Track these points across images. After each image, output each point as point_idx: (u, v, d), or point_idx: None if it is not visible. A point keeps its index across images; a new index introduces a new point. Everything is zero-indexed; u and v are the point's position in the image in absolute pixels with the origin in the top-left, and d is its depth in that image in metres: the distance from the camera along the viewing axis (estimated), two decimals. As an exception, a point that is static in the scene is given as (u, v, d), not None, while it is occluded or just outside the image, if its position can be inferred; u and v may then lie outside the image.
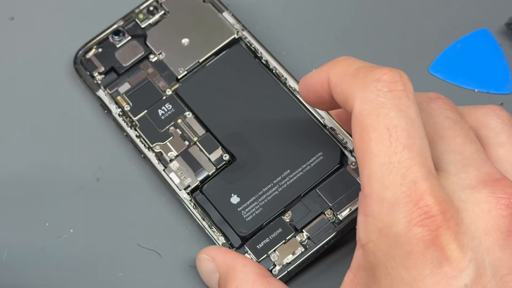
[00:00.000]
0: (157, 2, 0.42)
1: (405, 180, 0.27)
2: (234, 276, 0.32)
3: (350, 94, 0.29)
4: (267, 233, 0.35)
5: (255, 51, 0.40)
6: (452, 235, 0.26)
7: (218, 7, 0.41)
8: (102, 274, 0.36)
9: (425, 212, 0.26)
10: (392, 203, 0.27)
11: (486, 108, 0.32)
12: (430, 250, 0.26)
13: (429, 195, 0.27)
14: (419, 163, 0.27)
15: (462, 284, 0.26)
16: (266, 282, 0.32)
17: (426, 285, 0.26)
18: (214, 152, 0.37)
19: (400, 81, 0.28)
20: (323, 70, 0.31)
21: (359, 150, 0.28)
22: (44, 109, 0.40)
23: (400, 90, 0.28)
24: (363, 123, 0.28)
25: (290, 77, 0.39)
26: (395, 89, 0.28)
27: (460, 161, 0.29)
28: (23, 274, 0.36)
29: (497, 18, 0.43)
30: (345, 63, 0.30)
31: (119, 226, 0.37)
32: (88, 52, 0.41)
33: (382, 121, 0.27)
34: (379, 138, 0.27)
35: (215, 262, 0.34)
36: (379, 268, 0.27)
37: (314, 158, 0.37)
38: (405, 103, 0.28)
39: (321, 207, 0.36)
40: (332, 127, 0.37)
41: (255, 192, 0.36)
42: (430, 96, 0.31)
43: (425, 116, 0.30)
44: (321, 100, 0.32)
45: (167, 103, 0.39)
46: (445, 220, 0.26)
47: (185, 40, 0.41)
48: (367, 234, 0.28)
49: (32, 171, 0.39)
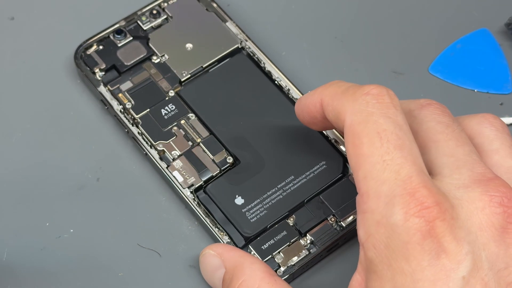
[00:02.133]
0: (159, 7, 0.42)
1: (399, 175, 0.28)
2: (241, 272, 0.33)
3: (341, 109, 0.31)
4: (272, 235, 0.36)
5: (258, 61, 0.40)
6: (448, 228, 0.27)
7: (222, 17, 0.42)
8: (102, 274, 0.36)
9: (421, 203, 0.27)
10: (389, 196, 0.28)
11: (479, 117, 0.33)
12: (427, 241, 0.27)
13: (423, 187, 0.27)
14: (411, 161, 0.28)
15: (460, 276, 0.27)
16: (273, 280, 0.32)
17: (425, 276, 0.27)
18: (218, 154, 0.38)
19: (386, 94, 0.30)
20: (316, 92, 0.33)
21: (352, 156, 0.29)
22: (44, 109, 0.40)
23: (387, 102, 0.30)
24: (355, 131, 0.30)
25: (293, 88, 0.39)
26: (382, 100, 0.30)
27: (454, 163, 0.29)
28: (23, 274, 0.36)
29: (497, 18, 0.43)
30: (336, 85, 0.32)
31: (119, 226, 0.37)
32: (89, 49, 0.41)
33: (372, 126, 0.29)
34: (371, 141, 0.29)
35: (222, 258, 0.34)
36: (380, 262, 0.28)
37: (317, 167, 0.37)
38: (392, 112, 0.29)
39: (325, 213, 0.36)
40: (334, 138, 0.38)
41: (260, 195, 0.36)
42: (422, 103, 0.32)
43: (418, 122, 0.31)
44: (314, 120, 0.34)
45: (170, 104, 0.39)
46: (441, 212, 0.27)
47: (189, 45, 0.41)
48: (366, 230, 0.28)
49: (32, 171, 0.39)
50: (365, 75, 0.42)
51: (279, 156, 0.37)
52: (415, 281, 0.27)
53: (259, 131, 0.38)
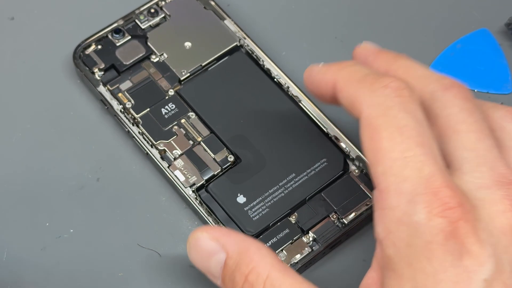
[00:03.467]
0: (157, 6, 0.42)
1: (422, 173, 0.27)
2: (249, 258, 0.30)
3: (357, 99, 0.30)
4: (274, 233, 0.36)
5: (257, 59, 0.40)
6: (471, 229, 0.27)
7: (220, 15, 0.42)
8: (102, 274, 0.36)
9: (444, 203, 0.27)
10: (411, 193, 0.27)
11: (504, 111, 0.31)
12: (450, 242, 0.26)
13: (446, 187, 0.27)
14: (432, 159, 0.28)
15: (482, 278, 0.26)
16: (284, 267, 0.30)
17: (447, 277, 0.26)
18: (219, 153, 0.38)
19: (406, 88, 0.29)
20: (329, 72, 0.32)
21: (370, 150, 0.29)
22: (44, 109, 0.40)
23: (407, 96, 0.29)
24: (373, 124, 0.29)
25: (292, 86, 0.39)
26: (402, 94, 0.29)
27: (474, 160, 0.29)
28: (23, 274, 0.36)
29: (497, 18, 0.43)
30: (352, 69, 0.31)
31: (119, 226, 0.37)
32: (88, 48, 0.41)
33: (392, 121, 0.28)
34: (391, 135, 0.28)
35: (221, 242, 0.31)
36: (400, 260, 0.27)
37: (318, 164, 0.37)
38: (412, 107, 0.29)
39: (327, 210, 0.36)
40: (335, 135, 0.38)
41: (261, 193, 0.36)
42: (445, 84, 0.30)
43: (439, 106, 0.30)
44: (323, 96, 0.33)
45: (170, 103, 0.39)
46: (464, 213, 0.27)
47: (187, 43, 0.41)
48: (385, 227, 0.28)
49: (32, 171, 0.39)
50: (365, 75, 0.42)
51: (280, 154, 0.37)
52: (437, 281, 0.26)
53: (260, 129, 0.38)
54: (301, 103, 0.39)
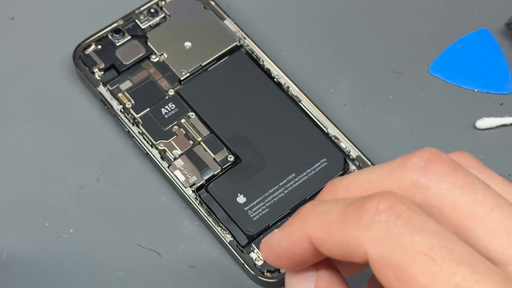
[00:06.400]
0: (157, 6, 0.42)
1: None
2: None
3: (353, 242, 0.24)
4: None
5: (256, 59, 0.40)
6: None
7: (220, 15, 0.42)
8: (102, 274, 0.36)
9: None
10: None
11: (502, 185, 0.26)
12: None
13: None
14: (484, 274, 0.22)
15: None
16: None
17: None
18: (219, 153, 0.38)
19: (398, 202, 0.23)
20: (295, 229, 0.25)
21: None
22: (44, 109, 0.40)
23: (405, 210, 0.23)
24: (393, 264, 0.23)
25: (292, 86, 0.39)
26: (400, 213, 0.23)
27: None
28: (23, 274, 0.36)
29: (497, 18, 0.43)
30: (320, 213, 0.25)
31: (119, 226, 0.37)
32: (87, 48, 0.41)
33: (413, 250, 0.22)
34: (423, 268, 0.22)
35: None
36: None
37: (318, 164, 0.37)
38: (419, 221, 0.23)
39: None
40: (335, 135, 0.38)
41: (262, 193, 0.36)
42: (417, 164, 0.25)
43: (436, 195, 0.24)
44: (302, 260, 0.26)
45: (170, 103, 0.39)
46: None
47: (187, 43, 0.41)
48: None
49: (32, 171, 0.39)
50: (365, 75, 0.42)
51: (280, 154, 0.38)
52: None
53: (259, 129, 0.38)
54: (301, 103, 0.39)
